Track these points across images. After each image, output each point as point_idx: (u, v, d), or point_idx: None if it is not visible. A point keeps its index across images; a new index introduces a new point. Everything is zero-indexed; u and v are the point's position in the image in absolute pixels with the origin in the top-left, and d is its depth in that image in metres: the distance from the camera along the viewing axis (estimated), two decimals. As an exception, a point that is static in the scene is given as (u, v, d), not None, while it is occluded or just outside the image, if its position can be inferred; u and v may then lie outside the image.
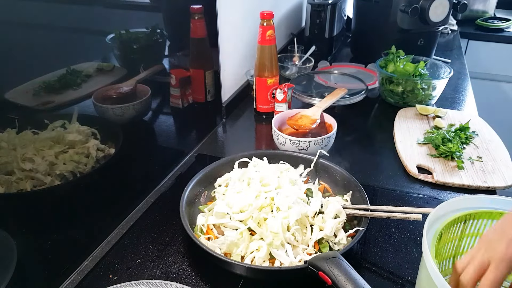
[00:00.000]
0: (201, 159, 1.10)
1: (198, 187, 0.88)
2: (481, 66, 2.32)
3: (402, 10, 1.47)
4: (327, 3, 1.67)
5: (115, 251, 0.80)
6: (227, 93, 1.34)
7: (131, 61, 0.96)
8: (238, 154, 0.95)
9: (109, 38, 0.87)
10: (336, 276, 0.58)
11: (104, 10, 0.84)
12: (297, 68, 1.59)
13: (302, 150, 1.01)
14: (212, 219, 0.78)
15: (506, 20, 2.34)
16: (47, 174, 0.74)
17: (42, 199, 0.75)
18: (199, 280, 0.73)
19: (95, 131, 0.83)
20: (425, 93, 1.32)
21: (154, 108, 1.04)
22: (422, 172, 1.02)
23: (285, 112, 1.16)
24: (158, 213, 0.90)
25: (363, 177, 0.98)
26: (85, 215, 0.82)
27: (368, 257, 0.77)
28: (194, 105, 1.21)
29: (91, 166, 0.80)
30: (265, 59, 1.22)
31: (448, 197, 0.94)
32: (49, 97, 0.72)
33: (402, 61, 1.37)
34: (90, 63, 0.82)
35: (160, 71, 1.02)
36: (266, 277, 0.70)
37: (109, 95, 0.83)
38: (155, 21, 1.00)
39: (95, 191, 0.84)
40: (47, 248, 0.75)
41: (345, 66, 1.64)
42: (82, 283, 0.73)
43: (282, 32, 1.81)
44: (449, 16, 1.52)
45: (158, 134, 1.11)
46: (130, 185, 0.98)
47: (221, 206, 0.79)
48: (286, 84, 1.23)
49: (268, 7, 1.31)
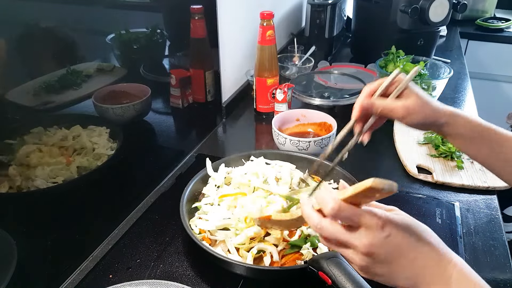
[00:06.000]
0: (201, 159, 1.10)
1: (198, 187, 0.88)
2: (481, 66, 2.32)
3: (402, 10, 1.47)
4: (327, 3, 1.67)
5: (115, 251, 0.80)
6: (227, 93, 1.34)
7: (131, 61, 0.96)
8: (238, 154, 0.95)
9: (109, 38, 0.87)
10: (336, 276, 0.58)
11: (104, 10, 0.84)
12: (297, 68, 1.59)
13: (302, 150, 1.01)
14: (209, 226, 0.77)
15: (506, 20, 2.34)
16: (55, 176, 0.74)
17: (42, 199, 0.75)
18: (199, 280, 0.73)
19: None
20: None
21: (154, 108, 1.04)
22: (422, 172, 1.02)
23: (285, 112, 1.16)
24: (158, 213, 0.89)
25: (363, 177, 0.97)
26: (85, 215, 0.82)
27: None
28: (194, 105, 1.21)
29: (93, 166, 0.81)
30: (265, 59, 1.22)
31: (448, 197, 0.94)
32: (49, 97, 0.72)
33: (402, 61, 1.37)
34: (90, 63, 0.82)
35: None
36: (266, 277, 0.70)
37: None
38: (155, 21, 1.00)
39: (95, 191, 0.84)
40: (47, 248, 0.75)
41: (345, 66, 1.64)
42: (82, 283, 0.73)
43: (282, 32, 1.81)
44: (449, 16, 1.52)
45: (158, 134, 1.11)
46: (130, 185, 0.98)
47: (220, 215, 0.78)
48: (286, 84, 1.23)
49: (268, 7, 1.31)
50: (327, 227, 0.48)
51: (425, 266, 0.47)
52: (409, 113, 0.63)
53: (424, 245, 0.47)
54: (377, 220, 0.46)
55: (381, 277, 0.48)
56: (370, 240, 0.46)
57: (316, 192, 0.51)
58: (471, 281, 0.46)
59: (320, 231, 0.49)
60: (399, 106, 0.63)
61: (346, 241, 0.47)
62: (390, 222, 0.46)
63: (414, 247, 0.47)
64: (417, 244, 0.47)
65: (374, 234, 0.46)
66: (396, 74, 0.64)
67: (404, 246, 0.47)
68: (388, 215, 0.47)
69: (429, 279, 0.47)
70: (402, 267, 0.47)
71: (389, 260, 0.46)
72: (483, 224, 0.86)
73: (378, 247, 0.46)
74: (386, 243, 0.46)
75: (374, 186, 0.42)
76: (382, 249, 0.46)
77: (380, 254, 0.46)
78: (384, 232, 0.46)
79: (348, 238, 0.47)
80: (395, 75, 0.64)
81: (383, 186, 0.42)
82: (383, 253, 0.46)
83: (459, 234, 0.83)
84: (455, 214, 0.89)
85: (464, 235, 0.83)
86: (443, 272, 0.46)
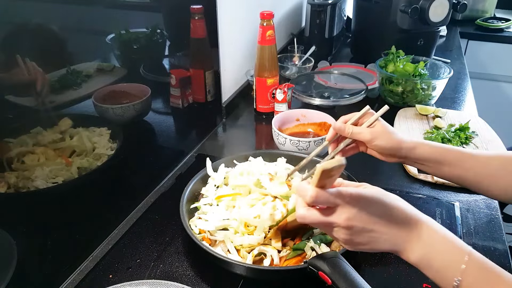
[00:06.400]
0: (201, 159, 1.10)
1: (198, 187, 0.88)
2: (481, 66, 2.32)
3: (402, 10, 1.47)
4: (327, 3, 1.67)
5: (115, 251, 0.80)
6: (227, 93, 1.34)
7: (131, 61, 0.96)
8: (238, 154, 0.95)
9: (109, 38, 0.87)
10: (336, 276, 0.58)
11: (104, 10, 0.84)
12: (297, 68, 1.59)
13: (302, 150, 1.01)
14: (209, 226, 0.77)
15: (506, 20, 2.34)
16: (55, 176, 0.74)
17: (42, 199, 0.75)
18: (199, 280, 0.73)
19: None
20: (425, 93, 1.32)
21: (154, 108, 1.04)
22: (422, 172, 1.02)
23: (285, 112, 1.16)
24: (158, 213, 0.89)
25: (363, 177, 0.97)
26: (85, 215, 0.82)
27: (368, 257, 0.77)
28: (194, 105, 1.21)
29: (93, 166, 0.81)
30: (265, 59, 1.22)
31: (448, 197, 0.94)
32: (49, 97, 0.72)
33: (402, 61, 1.37)
34: (90, 63, 0.82)
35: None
36: (266, 277, 0.70)
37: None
38: (155, 21, 1.00)
39: (95, 191, 0.84)
40: (47, 248, 0.75)
41: (345, 66, 1.64)
42: (82, 283, 0.73)
43: (282, 32, 1.81)
44: (449, 16, 1.52)
45: (158, 134, 1.11)
46: (130, 185, 0.98)
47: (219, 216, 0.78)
48: (286, 84, 1.23)
49: (268, 7, 1.30)
50: (309, 215, 0.55)
51: (398, 228, 0.54)
52: (375, 137, 0.74)
53: (394, 210, 0.54)
54: (349, 197, 0.52)
55: (365, 245, 0.55)
56: (347, 215, 0.52)
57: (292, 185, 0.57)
58: (438, 233, 0.54)
59: (304, 220, 0.55)
60: (367, 130, 0.75)
61: (328, 221, 0.54)
62: (360, 196, 0.53)
63: (386, 214, 0.54)
64: (387, 211, 0.54)
65: (349, 209, 0.53)
66: (367, 109, 0.76)
67: (377, 214, 0.53)
68: (358, 190, 0.54)
69: (404, 238, 0.54)
70: (379, 233, 0.54)
71: (367, 229, 0.53)
72: (483, 224, 0.86)
73: (355, 220, 0.53)
74: (360, 215, 0.53)
75: (325, 168, 0.48)
76: (358, 221, 0.53)
77: (358, 225, 0.53)
78: (356, 206, 0.53)
79: (329, 218, 0.53)
80: (366, 110, 0.76)
81: (332, 165, 0.49)
82: (360, 224, 0.53)
83: (459, 234, 0.83)
84: (455, 214, 0.89)
85: (464, 235, 0.83)
86: (413, 229, 0.54)
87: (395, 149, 0.74)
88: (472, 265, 0.51)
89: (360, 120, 0.77)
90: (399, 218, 0.54)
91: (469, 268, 0.51)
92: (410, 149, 0.74)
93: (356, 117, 0.77)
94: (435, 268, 0.53)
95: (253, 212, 0.74)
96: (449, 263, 0.52)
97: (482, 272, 0.51)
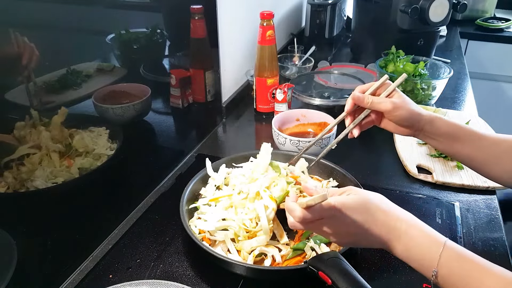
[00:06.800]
0: (201, 159, 1.10)
1: (198, 187, 0.88)
2: (481, 66, 2.31)
3: (402, 10, 1.47)
4: (327, 3, 1.67)
5: (115, 251, 0.80)
6: (227, 93, 1.34)
7: (131, 61, 0.96)
8: (238, 154, 0.95)
9: (109, 38, 0.87)
10: (336, 276, 0.58)
11: (104, 10, 0.84)
12: (297, 68, 1.59)
13: (302, 150, 1.01)
14: (209, 226, 0.77)
15: (506, 20, 2.34)
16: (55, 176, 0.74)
17: (42, 199, 0.75)
18: (199, 280, 0.73)
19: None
20: (425, 93, 1.32)
21: (154, 108, 1.04)
22: (422, 172, 1.02)
23: (285, 112, 1.16)
24: (158, 213, 0.89)
25: (363, 177, 0.98)
26: (85, 215, 0.82)
27: (368, 257, 0.77)
28: (194, 105, 1.21)
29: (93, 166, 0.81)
30: (265, 59, 1.22)
31: (448, 197, 0.94)
32: (50, 97, 0.72)
33: (402, 61, 1.37)
34: (90, 63, 0.82)
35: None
36: (266, 277, 0.70)
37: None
38: (155, 21, 1.00)
39: (95, 191, 0.84)
40: (47, 248, 0.75)
41: (345, 66, 1.64)
42: (82, 283, 0.73)
43: (282, 32, 1.81)
44: (449, 16, 1.52)
45: (158, 134, 1.11)
46: (130, 185, 0.98)
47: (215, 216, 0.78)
48: (286, 84, 1.23)
49: (268, 7, 1.30)
50: (299, 225, 0.59)
51: (380, 229, 0.58)
52: (396, 108, 0.72)
53: (376, 214, 0.58)
54: (333, 209, 0.57)
55: (353, 244, 0.64)
56: (333, 226, 0.58)
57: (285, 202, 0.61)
58: (417, 228, 0.58)
59: (295, 228, 0.61)
60: (387, 100, 0.73)
61: (317, 230, 0.60)
62: (343, 205, 0.57)
63: (368, 219, 0.58)
64: (370, 216, 0.58)
65: (334, 221, 0.58)
66: (386, 78, 0.74)
67: (360, 219, 0.57)
68: (341, 199, 0.57)
69: (387, 236, 0.58)
70: (363, 235, 0.58)
71: (351, 233, 0.59)
72: (483, 224, 0.86)
73: (340, 227, 0.58)
74: (344, 222, 0.58)
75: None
76: (342, 228, 0.58)
77: (342, 232, 0.59)
78: (341, 216, 0.57)
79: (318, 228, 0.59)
80: (384, 79, 0.74)
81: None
82: (344, 231, 0.59)
83: (459, 234, 0.83)
84: (455, 214, 0.89)
85: (464, 235, 0.83)
86: (395, 228, 0.58)
87: (415, 120, 0.73)
88: (447, 255, 0.54)
89: (378, 90, 0.74)
90: (381, 219, 0.58)
91: (444, 259, 0.54)
92: (428, 121, 0.73)
93: (375, 87, 0.74)
94: (417, 261, 0.57)
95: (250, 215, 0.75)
96: (427, 255, 0.56)
97: (457, 262, 0.54)
